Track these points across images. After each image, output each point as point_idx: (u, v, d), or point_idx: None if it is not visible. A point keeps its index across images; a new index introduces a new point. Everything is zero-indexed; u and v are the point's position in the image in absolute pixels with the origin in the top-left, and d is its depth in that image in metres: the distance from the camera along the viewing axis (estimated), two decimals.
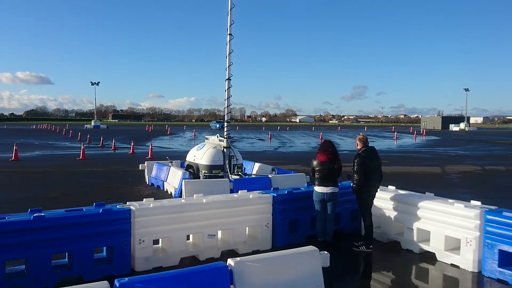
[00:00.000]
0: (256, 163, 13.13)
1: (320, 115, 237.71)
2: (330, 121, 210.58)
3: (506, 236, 5.49)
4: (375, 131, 70.83)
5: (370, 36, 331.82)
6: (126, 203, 5.95)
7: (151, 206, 5.83)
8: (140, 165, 13.76)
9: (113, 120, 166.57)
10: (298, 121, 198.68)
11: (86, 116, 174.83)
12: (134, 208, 5.69)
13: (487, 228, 5.70)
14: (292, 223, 7.10)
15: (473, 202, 6.24)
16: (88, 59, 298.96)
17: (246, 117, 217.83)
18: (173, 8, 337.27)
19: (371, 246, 6.73)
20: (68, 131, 53.39)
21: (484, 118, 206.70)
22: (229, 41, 11.10)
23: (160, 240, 6.19)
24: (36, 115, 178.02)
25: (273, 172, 11.68)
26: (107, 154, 24.86)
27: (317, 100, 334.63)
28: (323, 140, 7.53)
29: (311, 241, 6.45)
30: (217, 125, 70.06)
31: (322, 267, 4.38)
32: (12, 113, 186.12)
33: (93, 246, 5.46)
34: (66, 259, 5.53)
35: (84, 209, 5.55)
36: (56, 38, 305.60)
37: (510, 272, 5.46)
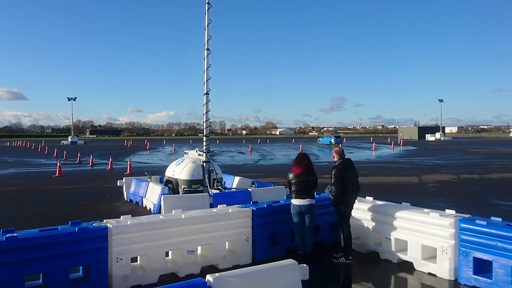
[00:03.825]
0: (236, 177, 13.13)
1: (300, 127, 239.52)
2: (310, 133, 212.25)
3: (480, 244, 5.62)
4: (353, 142, 71.75)
5: (346, 47, 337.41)
6: (103, 221, 5.84)
7: (128, 223, 5.75)
8: (118, 181, 13.55)
9: (91, 136, 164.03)
10: (278, 134, 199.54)
11: (62, 132, 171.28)
12: (111, 226, 5.60)
13: (462, 236, 5.83)
14: (272, 236, 7.10)
15: (447, 211, 6.38)
16: (64, 74, 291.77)
17: (226, 131, 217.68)
18: (150, 22, 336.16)
19: (350, 257, 6.78)
20: (44, 147, 52.21)
21: (458, 127, 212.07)
22: (206, 56, 11.16)
23: (138, 257, 6.08)
24: (10, 131, 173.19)
25: (253, 186, 11.70)
26: (85, 170, 24.40)
27: (296, 112, 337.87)
28: (298, 153, 7.62)
29: (292, 254, 6.46)
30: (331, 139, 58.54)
31: (302, 280, 4.40)
32: None
33: (69, 265, 5.33)
34: (41, 280, 5.36)
35: (59, 228, 5.43)
36: (29, 51, 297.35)
37: (484, 279, 5.58)
